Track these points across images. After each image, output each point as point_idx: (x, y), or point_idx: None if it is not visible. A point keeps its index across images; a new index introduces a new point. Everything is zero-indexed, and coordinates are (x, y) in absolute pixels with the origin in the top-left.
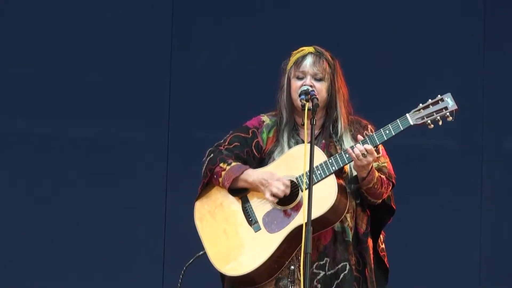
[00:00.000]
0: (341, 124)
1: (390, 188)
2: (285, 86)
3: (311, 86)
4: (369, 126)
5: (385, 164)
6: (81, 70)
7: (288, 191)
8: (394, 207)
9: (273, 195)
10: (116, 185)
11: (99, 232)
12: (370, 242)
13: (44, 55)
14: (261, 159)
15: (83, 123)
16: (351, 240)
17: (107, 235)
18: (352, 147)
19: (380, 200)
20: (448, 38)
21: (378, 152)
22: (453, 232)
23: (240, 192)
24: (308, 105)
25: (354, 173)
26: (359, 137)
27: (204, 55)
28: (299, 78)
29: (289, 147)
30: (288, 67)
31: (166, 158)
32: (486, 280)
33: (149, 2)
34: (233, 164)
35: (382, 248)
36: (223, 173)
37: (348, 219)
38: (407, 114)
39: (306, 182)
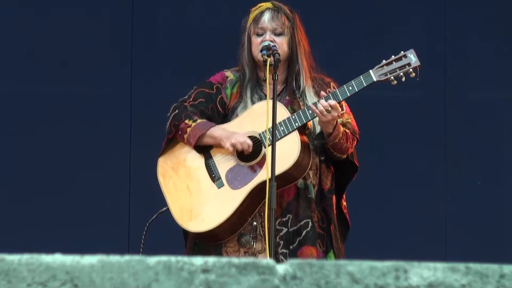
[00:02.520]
0: (303, 78)
1: (355, 143)
2: (246, 43)
3: (271, 41)
4: (332, 84)
5: (349, 120)
6: (45, 26)
7: (247, 147)
8: (357, 164)
9: (232, 145)
10: (80, 140)
11: (63, 185)
12: (334, 199)
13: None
14: (224, 115)
15: (47, 79)
16: (313, 197)
17: (71, 188)
18: (315, 104)
19: (345, 156)
20: None
21: (342, 109)
22: (417, 187)
23: (205, 149)
24: (270, 60)
25: (318, 129)
26: (322, 93)
27: (167, 10)
28: (258, 35)
29: (253, 103)
30: (248, 24)
31: (130, 113)
32: (452, 230)
33: None
34: (199, 121)
35: (345, 205)
36: (188, 129)
37: (311, 176)
38: (370, 71)
39: (269, 138)
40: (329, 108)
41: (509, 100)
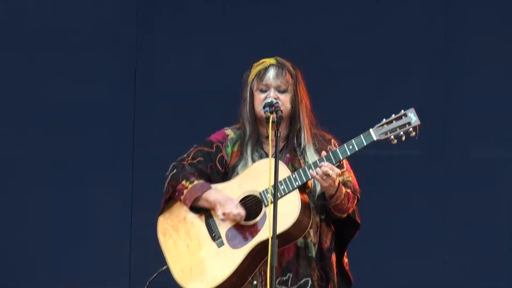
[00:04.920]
0: (304, 135)
1: (356, 202)
2: (248, 98)
3: (276, 98)
4: (333, 141)
5: (350, 178)
6: (49, 72)
7: (239, 219)
8: (359, 221)
9: (225, 215)
10: (83, 197)
11: (67, 241)
12: (333, 257)
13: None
14: (225, 173)
15: (50, 133)
16: (314, 255)
17: (73, 245)
18: (315, 164)
19: (345, 215)
20: (411, 50)
21: (342, 167)
22: (418, 242)
23: (202, 211)
24: (273, 117)
25: (318, 187)
26: (323, 153)
27: (169, 64)
28: (262, 91)
29: (253, 160)
30: (250, 79)
31: (132, 172)
32: None
33: (114, 11)
34: (196, 182)
35: (346, 262)
36: (185, 191)
37: (312, 234)
38: (370, 130)
39: (270, 197)
40: (329, 173)
41: (508, 160)
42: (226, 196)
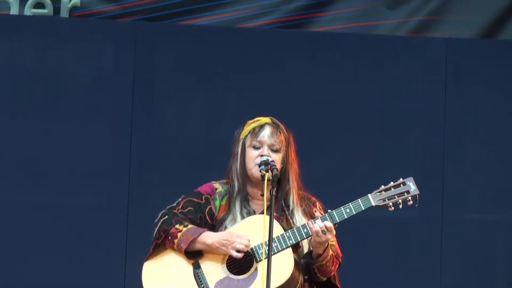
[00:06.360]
0: (293, 197)
1: (337, 266)
2: (239, 154)
3: (269, 156)
4: (318, 204)
5: (333, 243)
6: (45, 132)
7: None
8: (339, 286)
9: (238, 251)
10: (76, 246)
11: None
12: None
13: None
14: (212, 226)
15: (47, 191)
16: None
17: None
18: (312, 223)
19: (325, 278)
20: (409, 111)
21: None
22: None
23: (195, 254)
24: (268, 175)
25: (306, 248)
26: (318, 214)
27: (165, 123)
28: (255, 148)
29: (242, 217)
30: (242, 136)
31: (126, 228)
32: None
33: (111, 74)
34: (190, 226)
35: None
36: (179, 234)
37: None
38: (369, 195)
39: (262, 252)
40: (325, 230)
41: (503, 223)
42: (225, 233)
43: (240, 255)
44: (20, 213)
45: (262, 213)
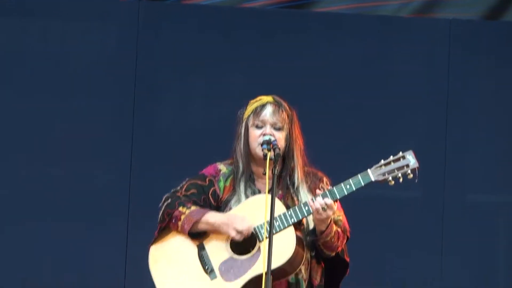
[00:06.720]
0: (298, 175)
1: (345, 241)
2: (243, 134)
3: (271, 135)
4: (325, 179)
5: (340, 217)
6: (48, 116)
7: (250, 232)
8: (348, 260)
9: (239, 232)
10: (79, 227)
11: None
12: None
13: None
14: (217, 208)
15: (50, 165)
16: None
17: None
18: (312, 200)
19: (334, 253)
20: (410, 91)
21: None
22: (414, 285)
23: (199, 236)
24: (270, 154)
25: (311, 226)
26: (318, 191)
27: (168, 102)
28: (258, 127)
29: (246, 196)
30: (246, 116)
31: (128, 208)
32: None
33: (113, 54)
34: (193, 208)
35: None
36: (182, 216)
37: (303, 271)
38: (368, 170)
39: (265, 232)
40: (325, 207)
41: (505, 204)
42: (228, 214)
43: (239, 236)
44: (21, 187)
45: (269, 192)
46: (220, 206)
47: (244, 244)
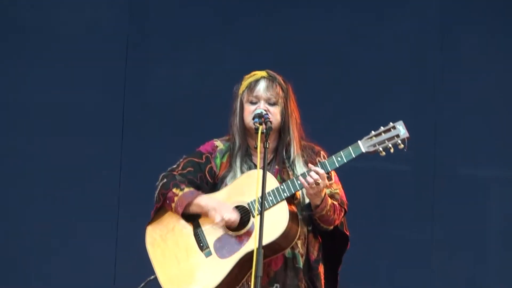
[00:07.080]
0: (294, 148)
1: (343, 214)
2: (238, 110)
3: (265, 110)
4: (322, 152)
5: (337, 190)
6: (38, 86)
7: (235, 224)
8: (348, 233)
9: (225, 220)
10: (68, 203)
11: (50, 247)
12: (321, 268)
13: None
14: (214, 184)
15: (38, 139)
16: (301, 266)
17: (58, 250)
18: (303, 175)
19: (332, 227)
20: (400, 64)
21: (330, 179)
22: (404, 257)
23: (193, 218)
24: (262, 128)
25: (307, 199)
26: (310, 165)
27: (158, 77)
28: (252, 103)
29: (242, 172)
30: (240, 91)
31: (119, 179)
32: None
33: (105, 23)
34: (186, 189)
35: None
36: (175, 198)
37: (299, 245)
38: (359, 141)
39: (257, 208)
40: (319, 180)
41: (496, 178)
42: (219, 201)
43: (223, 223)
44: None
45: (261, 167)
46: (217, 183)
47: (240, 220)
